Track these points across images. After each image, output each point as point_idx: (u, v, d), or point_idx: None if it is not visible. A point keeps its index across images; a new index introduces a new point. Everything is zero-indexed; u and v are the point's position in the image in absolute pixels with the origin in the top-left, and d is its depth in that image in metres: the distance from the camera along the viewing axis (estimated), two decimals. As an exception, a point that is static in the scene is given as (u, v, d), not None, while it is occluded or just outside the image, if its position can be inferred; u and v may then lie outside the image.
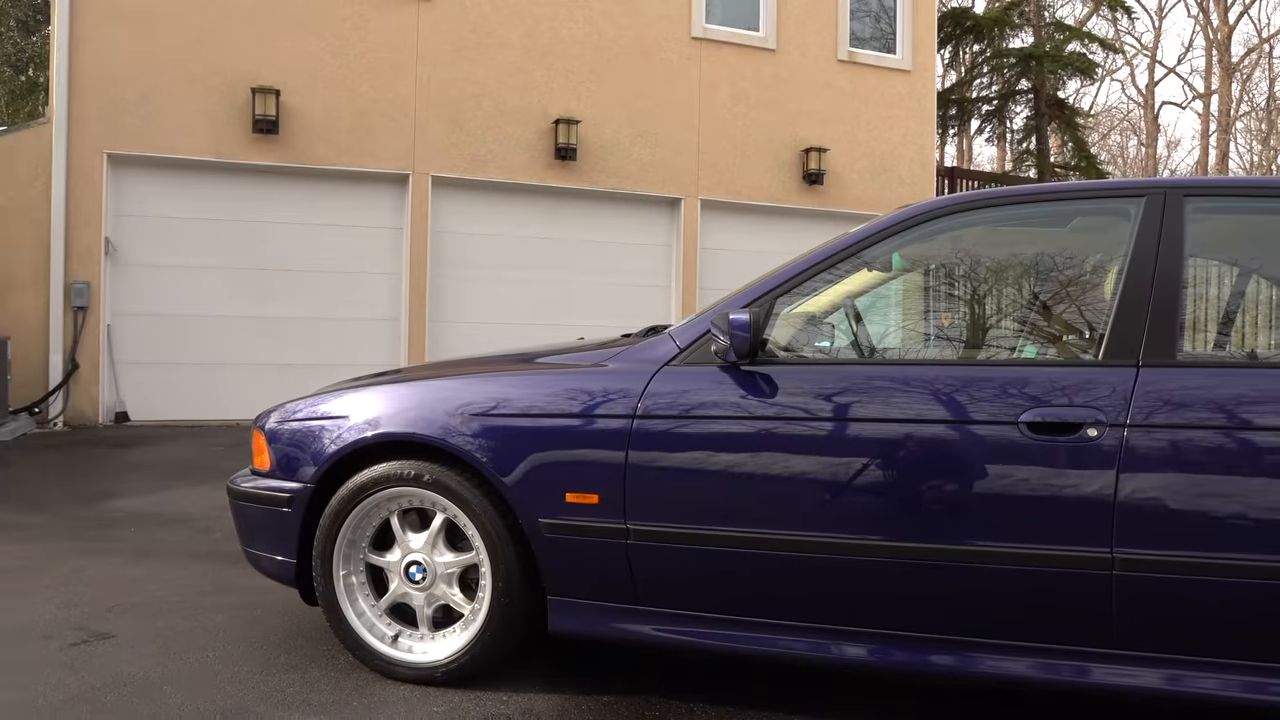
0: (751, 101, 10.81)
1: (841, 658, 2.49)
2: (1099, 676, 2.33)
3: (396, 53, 9.41)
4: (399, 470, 2.75)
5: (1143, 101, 30.85)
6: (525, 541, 2.66)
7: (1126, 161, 31.39)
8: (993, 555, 2.34)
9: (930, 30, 11.79)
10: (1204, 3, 28.26)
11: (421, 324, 9.54)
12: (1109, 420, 2.28)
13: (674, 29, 10.47)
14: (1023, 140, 17.74)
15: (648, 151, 10.36)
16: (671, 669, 2.98)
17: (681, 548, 2.53)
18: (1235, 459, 2.24)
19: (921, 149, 11.70)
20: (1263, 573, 2.19)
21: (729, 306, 2.62)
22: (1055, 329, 2.92)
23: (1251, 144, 29.55)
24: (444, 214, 9.72)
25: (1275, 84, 30.51)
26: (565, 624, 2.67)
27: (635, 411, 2.56)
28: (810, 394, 2.48)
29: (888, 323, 3.73)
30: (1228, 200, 2.65)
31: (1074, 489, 2.29)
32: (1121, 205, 2.59)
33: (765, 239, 10.90)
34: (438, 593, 2.80)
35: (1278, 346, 3.61)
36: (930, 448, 2.39)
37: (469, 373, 2.85)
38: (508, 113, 9.80)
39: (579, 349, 2.92)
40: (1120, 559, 2.26)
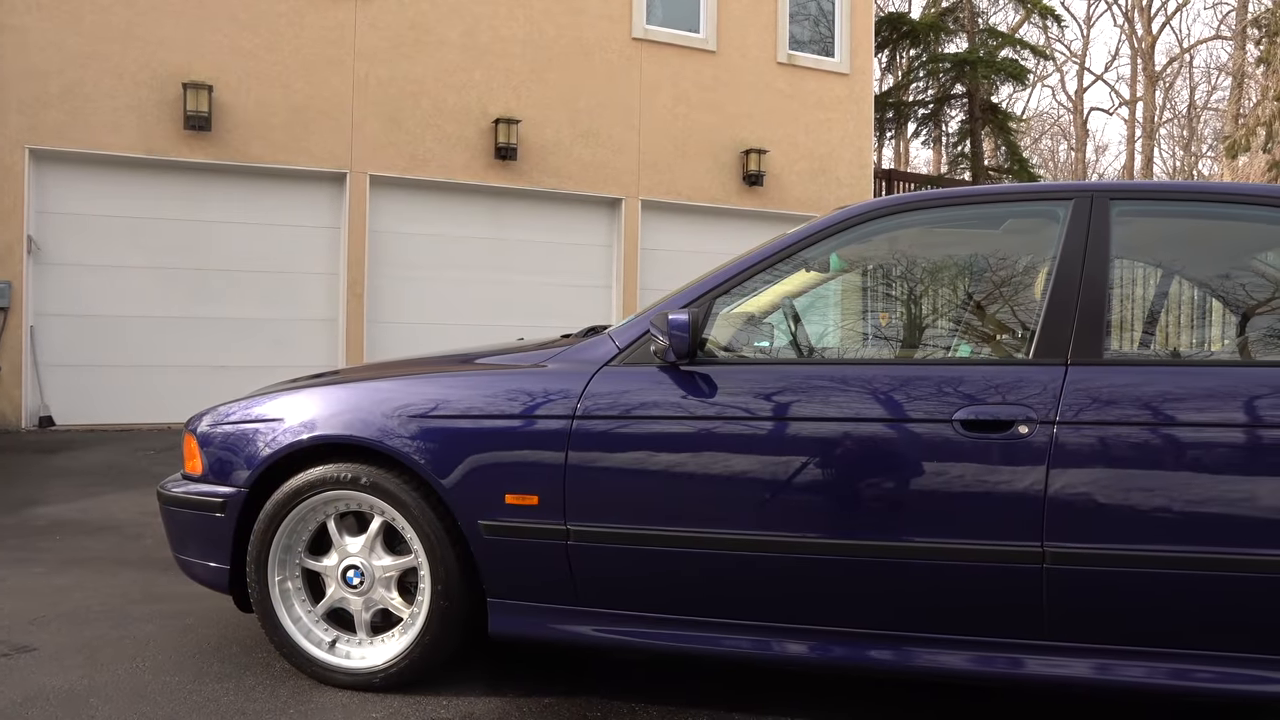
0: (692, 102, 10.86)
1: (783, 655, 2.51)
2: (1032, 668, 2.38)
3: (333, 49, 9.27)
4: (336, 473, 2.71)
5: (1072, 107, 31.69)
6: (465, 544, 2.63)
7: (1057, 165, 32.20)
8: (928, 551, 2.38)
9: (868, 34, 11.96)
10: (1129, 13, 29.12)
11: (360, 325, 9.41)
12: (1039, 418, 2.34)
13: (615, 29, 10.47)
14: (958, 144, 18.11)
15: (589, 152, 10.35)
16: (613, 669, 2.98)
17: (622, 548, 2.53)
18: (1159, 454, 2.31)
19: (860, 151, 11.86)
20: (1185, 563, 2.27)
21: (668, 307, 2.63)
22: (989, 329, 2.98)
23: (1174, 149, 30.53)
24: (382, 213, 9.60)
25: (1195, 92, 31.57)
26: (505, 626, 2.65)
27: (575, 412, 2.56)
28: (749, 393, 2.50)
29: (827, 322, 3.77)
30: (1151, 204, 2.73)
31: (1006, 485, 2.34)
32: (1050, 208, 2.65)
33: (706, 239, 10.96)
34: (376, 597, 2.76)
35: (1200, 345, 3.73)
36: (867, 446, 2.42)
37: (407, 374, 2.81)
38: (447, 112, 9.72)
39: (518, 349, 2.91)
40: (1050, 552, 2.31)
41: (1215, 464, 2.28)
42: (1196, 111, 30.11)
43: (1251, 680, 2.30)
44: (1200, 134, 29.94)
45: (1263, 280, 2.94)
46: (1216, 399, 2.31)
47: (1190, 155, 29.73)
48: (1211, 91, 30.43)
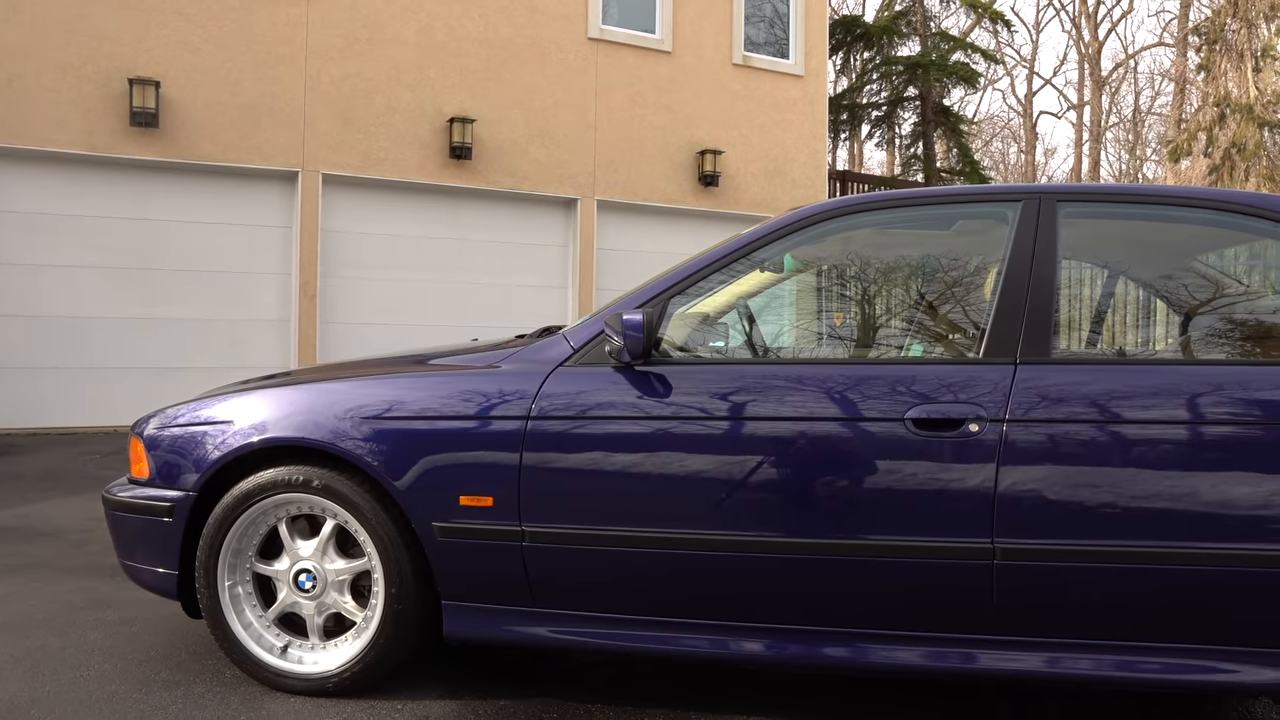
0: (648, 103, 10.87)
1: (740, 654, 2.52)
2: (984, 662, 2.42)
3: (284, 46, 9.14)
4: (287, 476, 2.67)
5: (1022, 111, 32.23)
6: (419, 546, 2.61)
7: (1008, 167, 32.72)
8: (882, 549, 2.41)
9: (822, 36, 12.06)
10: (1077, 19, 29.68)
11: (313, 325, 9.29)
12: (989, 416, 2.37)
13: (571, 29, 10.45)
14: (910, 145, 18.35)
15: (544, 151, 10.32)
16: (569, 669, 2.97)
17: (577, 549, 2.53)
18: (1106, 451, 2.35)
19: (814, 152, 11.96)
20: (1130, 557, 2.32)
21: (623, 307, 2.63)
22: (941, 328, 3.02)
23: (1120, 153, 31.19)
24: (335, 213, 9.49)
25: (1140, 97, 32.26)
26: (460, 628, 2.63)
27: (529, 413, 2.55)
28: (704, 393, 2.51)
29: (782, 322, 3.80)
30: (1097, 206, 2.78)
31: (958, 482, 2.37)
32: (1000, 209, 2.69)
33: (662, 240, 10.98)
34: (329, 601, 2.73)
35: (1145, 344, 3.81)
36: (821, 445, 2.44)
37: (360, 375, 2.78)
38: (401, 110, 9.63)
39: (472, 350, 2.89)
40: (1000, 549, 2.35)
41: (1159, 460, 2.33)
42: (1141, 116, 30.80)
43: (1195, 670, 2.35)
44: (1145, 138, 30.62)
45: (1203, 281, 3.02)
46: (1160, 397, 2.36)
47: (1135, 159, 30.38)
48: (1155, 97, 31.14)
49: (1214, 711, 2.79)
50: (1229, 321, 2.87)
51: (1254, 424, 2.32)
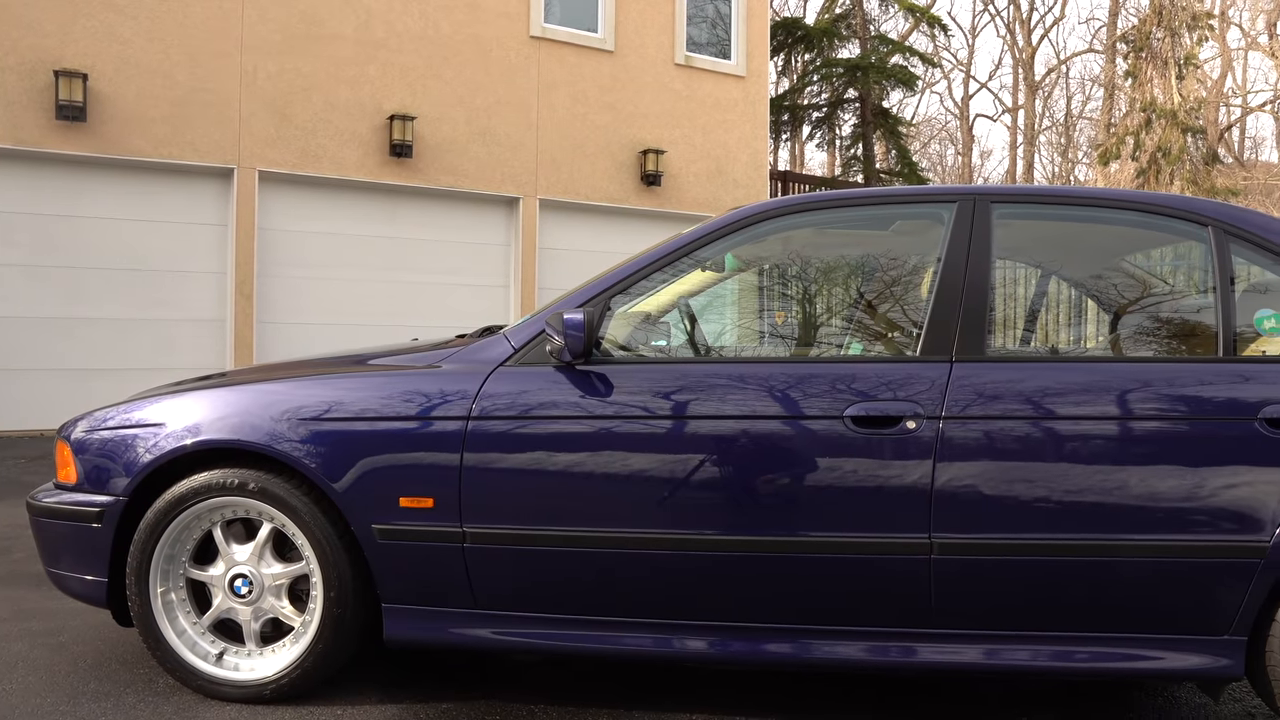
0: (590, 102, 10.86)
1: (684, 652, 2.53)
2: (925, 655, 2.46)
3: (219, 40, 8.94)
4: (222, 479, 2.61)
5: (959, 113, 32.83)
6: (358, 549, 2.58)
7: (945, 169, 33.30)
8: (823, 545, 2.43)
9: (763, 38, 12.16)
10: (1011, 25, 30.33)
11: (249, 325, 9.10)
12: (926, 413, 2.41)
13: (512, 27, 10.39)
14: (851, 147, 18.59)
15: (486, 150, 10.25)
16: (512, 670, 2.96)
17: (520, 549, 2.51)
18: (1039, 446, 2.41)
19: (756, 153, 12.05)
20: (1065, 550, 2.38)
21: (563, 306, 2.62)
22: (880, 327, 3.06)
23: (1053, 155, 31.95)
24: (272, 211, 9.31)
25: (1071, 102, 33.11)
26: (401, 632, 2.60)
27: (470, 413, 2.53)
28: (645, 392, 2.51)
29: (724, 321, 3.82)
30: (1029, 207, 2.84)
31: (897, 479, 2.41)
32: (936, 210, 2.74)
33: (605, 239, 10.97)
34: (266, 606, 2.68)
35: (1076, 342, 3.90)
36: (763, 443, 2.46)
37: (298, 376, 2.74)
38: (340, 107, 9.48)
39: (412, 350, 2.86)
40: (938, 543, 2.39)
41: (1090, 455, 2.39)
42: (1073, 120, 31.57)
43: (1124, 659, 2.42)
44: (1076, 141, 31.41)
45: (1132, 281, 3.10)
46: (1091, 393, 2.42)
47: (1067, 161, 31.14)
48: (1086, 101, 31.95)
49: (1140, 698, 2.87)
50: (1156, 320, 2.96)
51: (1179, 419, 2.40)
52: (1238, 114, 27.78)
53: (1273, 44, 25.22)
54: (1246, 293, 2.69)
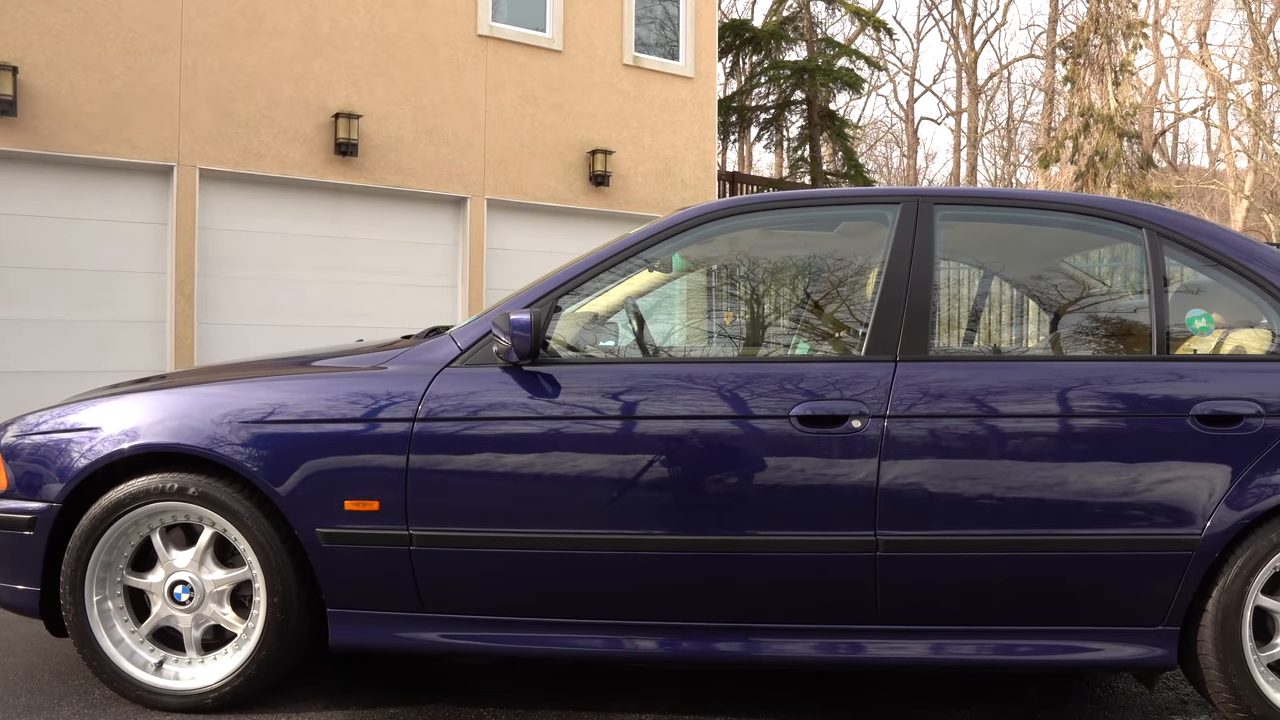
0: (539, 102, 10.81)
1: (634, 652, 2.54)
2: (872, 651, 2.49)
3: (157, 34, 8.74)
4: (161, 484, 2.55)
5: (904, 116, 33.29)
6: (302, 553, 2.54)
7: (891, 171, 33.74)
8: (771, 544, 2.45)
9: (711, 39, 12.21)
10: (954, 30, 30.83)
11: (190, 326, 8.91)
12: (871, 412, 2.44)
13: (460, 25, 10.31)
14: (798, 148, 18.75)
15: (433, 149, 10.15)
16: (462, 673, 2.93)
17: (467, 551, 2.50)
18: (982, 444, 2.45)
19: (704, 153, 12.10)
20: (1008, 545, 2.42)
21: (510, 307, 2.61)
22: (826, 327, 3.09)
23: (995, 158, 32.53)
24: (214, 209, 9.13)
25: (1013, 106, 33.76)
26: (347, 637, 2.57)
27: (416, 415, 2.50)
28: (592, 393, 2.50)
29: (672, 322, 3.83)
30: (972, 209, 2.89)
31: (843, 477, 2.43)
32: (880, 212, 2.78)
33: (553, 239, 10.94)
34: (207, 613, 2.62)
35: (1018, 341, 3.98)
36: (711, 443, 2.47)
37: (240, 378, 2.69)
38: (284, 104, 9.33)
39: (357, 351, 2.82)
40: (883, 541, 2.42)
41: (1031, 452, 2.44)
42: (1014, 124, 32.17)
43: (1065, 650, 2.48)
44: (1018, 145, 32.01)
45: (1071, 281, 3.17)
46: (1032, 392, 2.47)
47: (1009, 164, 31.73)
48: (1027, 106, 32.59)
49: (1080, 688, 2.94)
50: (1094, 319, 3.03)
51: (1116, 416, 2.46)
52: (1171, 120, 28.57)
53: (1203, 53, 25.99)
54: (1179, 293, 2.76)
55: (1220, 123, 26.75)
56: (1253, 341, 2.64)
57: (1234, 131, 26.53)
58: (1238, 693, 2.44)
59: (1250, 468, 2.42)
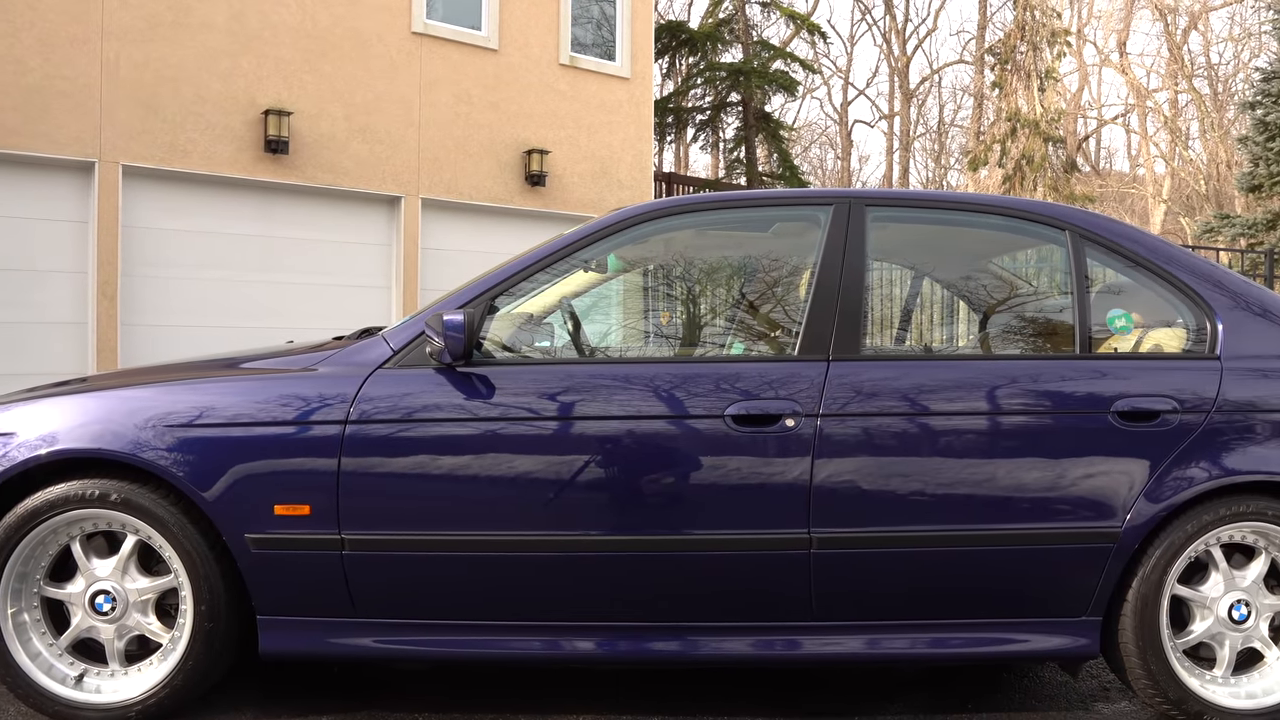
0: (474, 101, 10.73)
1: (573, 653, 2.53)
2: (809, 648, 2.52)
3: (76, 25, 8.47)
4: (81, 490, 2.47)
5: (838, 119, 33.75)
6: (231, 560, 2.48)
7: (825, 173, 34.17)
8: (706, 543, 2.46)
9: (648, 40, 12.24)
10: (887, 35, 31.34)
11: (113, 328, 8.65)
12: (804, 411, 2.47)
13: (394, 22, 10.17)
14: (734, 149, 18.88)
15: (366, 147, 10.01)
16: (397, 678, 2.90)
17: (402, 555, 2.46)
18: (913, 441, 2.50)
19: (640, 154, 12.12)
20: (938, 540, 2.47)
21: (443, 307, 2.58)
22: (761, 327, 3.12)
23: (927, 161, 33.16)
24: (138, 207, 8.87)
25: (944, 110, 34.48)
26: (278, 644, 2.51)
27: (348, 417, 2.46)
28: (527, 393, 2.49)
29: (609, 322, 3.83)
30: (903, 210, 2.94)
31: (778, 476, 2.46)
32: (813, 213, 2.81)
33: (489, 239, 10.85)
34: (130, 623, 2.54)
35: (948, 341, 4.06)
36: (645, 443, 2.48)
37: (165, 380, 2.61)
38: (211, 100, 9.11)
39: (287, 353, 2.77)
40: (816, 538, 2.45)
41: (961, 449, 2.49)
42: (945, 127, 32.84)
43: (994, 642, 2.54)
44: (948, 148, 32.67)
45: (999, 282, 3.24)
46: (962, 390, 2.52)
47: (940, 167, 32.38)
48: (957, 110, 33.28)
49: (1009, 679, 3.01)
50: (1021, 319, 3.10)
51: (1043, 413, 2.52)
52: (1094, 125, 29.43)
53: (1123, 61, 26.83)
54: (1101, 294, 2.85)
55: (1140, 129, 27.66)
56: (1169, 340, 2.74)
57: (1152, 138, 27.45)
58: (1155, 679, 2.52)
59: (1167, 462, 2.50)
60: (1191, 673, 2.57)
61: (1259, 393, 2.56)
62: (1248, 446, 2.53)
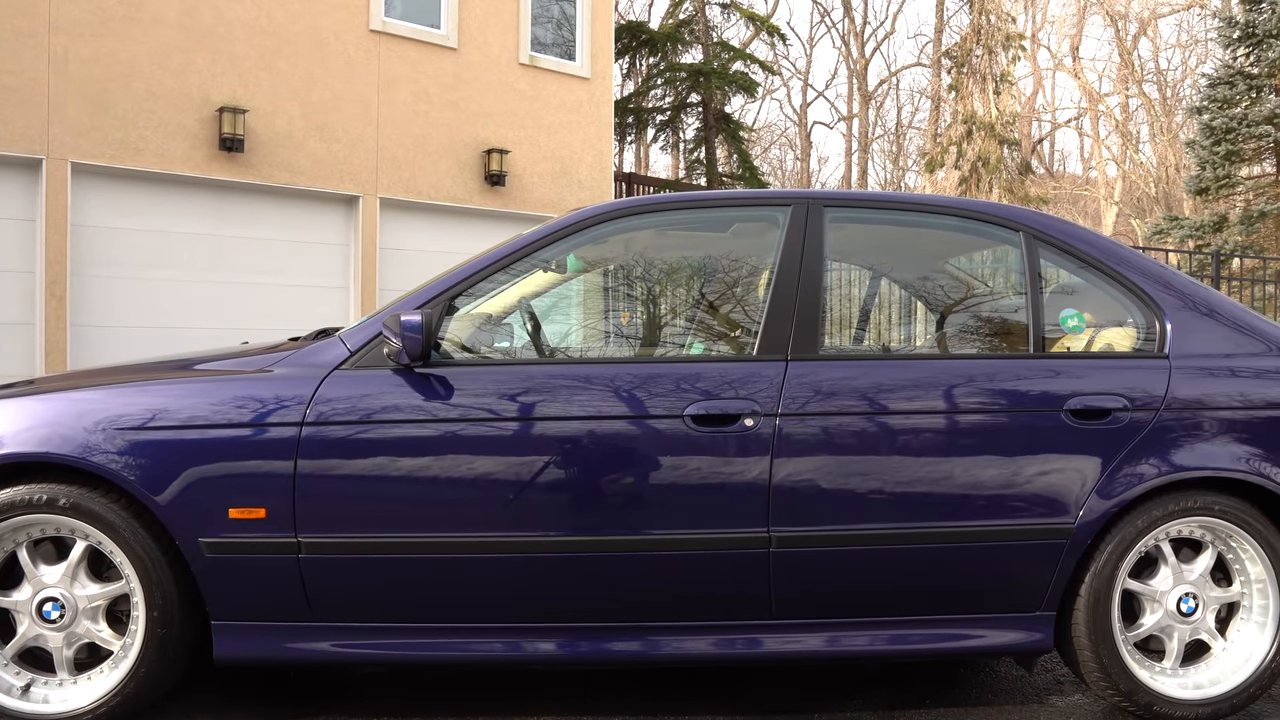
0: (433, 100, 10.65)
1: (534, 655, 2.52)
2: (770, 646, 2.53)
3: (23, 18, 8.28)
4: (27, 495, 2.41)
5: (797, 120, 33.96)
6: (184, 564, 2.44)
7: (785, 174, 34.38)
8: (667, 543, 2.47)
9: (608, 40, 12.23)
10: (846, 37, 31.61)
11: (61, 329, 8.47)
12: (763, 410, 2.48)
13: (351, 20, 10.07)
14: (694, 150, 18.93)
15: (324, 146, 9.89)
16: (356, 683, 2.87)
17: (359, 558, 2.44)
18: (872, 440, 2.52)
19: (600, 154, 12.11)
20: (897, 538, 2.50)
21: (401, 308, 2.56)
22: (721, 327, 3.13)
23: (885, 163, 33.49)
24: (88, 205, 8.70)
25: (902, 112, 34.85)
26: (233, 650, 2.47)
27: (304, 419, 2.43)
28: (486, 394, 2.48)
29: (569, 322, 3.82)
30: (860, 211, 2.96)
31: (737, 475, 2.47)
32: (771, 213, 2.82)
33: (448, 239, 10.79)
34: (80, 631, 2.49)
35: (906, 340, 4.10)
36: (605, 444, 2.47)
37: (116, 382, 2.56)
38: (164, 96, 8.95)
39: (242, 354, 2.73)
40: (776, 537, 2.46)
41: (919, 447, 2.52)
42: (903, 129, 33.18)
43: (952, 639, 2.57)
44: (906, 150, 33.02)
45: (955, 282, 3.28)
46: (919, 389, 2.55)
47: (898, 169, 32.71)
48: (915, 112, 33.65)
49: (966, 674, 3.04)
50: (977, 319, 3.14)
51: (999, 411, 2.56)
52: (1048, 128, 29.91)
53: (1076, 66, 27.30)
54: (1054, 294, 2.89)
55: (1092, 132, 28.17)
56: (1121, 339, 2.79)
57: (1104, 141, 27.96)
58: (1108, 671, 2.57)
59: (1119, 459, 2.55)
60: (1142, 665, 2.63)
61: (1206, 391, 2.62)
62: (1195, 443, 2.58)
